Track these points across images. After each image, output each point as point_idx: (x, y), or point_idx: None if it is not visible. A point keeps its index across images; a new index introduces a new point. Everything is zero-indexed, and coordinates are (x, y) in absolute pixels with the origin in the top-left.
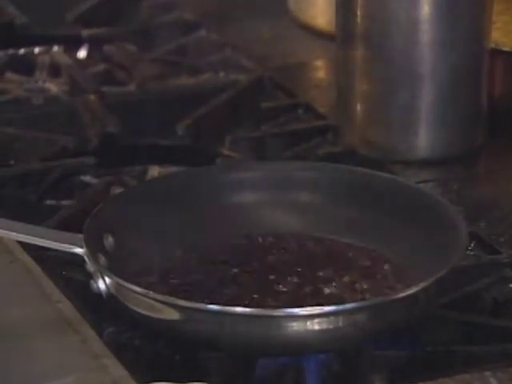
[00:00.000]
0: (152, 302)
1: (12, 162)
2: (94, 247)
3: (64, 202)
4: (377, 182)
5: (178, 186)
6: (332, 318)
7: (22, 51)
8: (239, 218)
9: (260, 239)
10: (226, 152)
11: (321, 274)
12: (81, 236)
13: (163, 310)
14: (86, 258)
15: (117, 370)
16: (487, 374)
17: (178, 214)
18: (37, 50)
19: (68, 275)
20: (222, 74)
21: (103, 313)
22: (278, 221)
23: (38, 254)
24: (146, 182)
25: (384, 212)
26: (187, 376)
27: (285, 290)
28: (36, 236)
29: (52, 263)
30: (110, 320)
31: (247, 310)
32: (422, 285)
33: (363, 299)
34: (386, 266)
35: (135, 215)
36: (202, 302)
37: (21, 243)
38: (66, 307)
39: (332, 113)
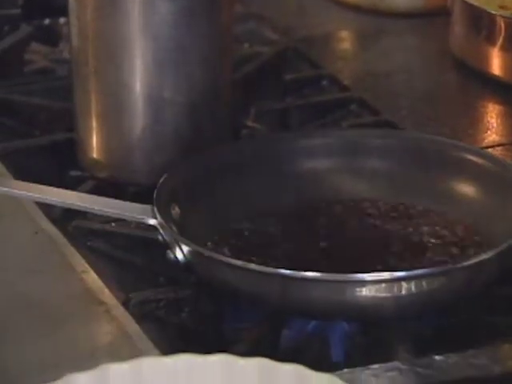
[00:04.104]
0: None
1: (37, 133)
2: (166, 217)
3: (89, 174)
4: (446, 149)
5: (247, 154)
6: (399, 284)
7: (46, 22)
8: (311, 184)
9: (335, 205)
10: (250, 124)
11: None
12: (151, 207)
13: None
14: (159, 229)
15: (141, 340)
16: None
17: (245, 182)
18: (62, 20)
19: (93, 245)
20: (246, 46)
21: (128, 283)
22: (351, 187)
23: (63, 224)
24: (211, 150)
25: (456, 178)
26: (210, 347)
27: (357, 255)
28: (108, 208)
29: (77, 233)
30: (136, 290)
31: (321, 275)
32: (491, 252)
33: (433, 265)
34: (460, 230)
35: (200, 184)
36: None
37: (45, 213)
38: (91, 277)
39: (356, 84)
